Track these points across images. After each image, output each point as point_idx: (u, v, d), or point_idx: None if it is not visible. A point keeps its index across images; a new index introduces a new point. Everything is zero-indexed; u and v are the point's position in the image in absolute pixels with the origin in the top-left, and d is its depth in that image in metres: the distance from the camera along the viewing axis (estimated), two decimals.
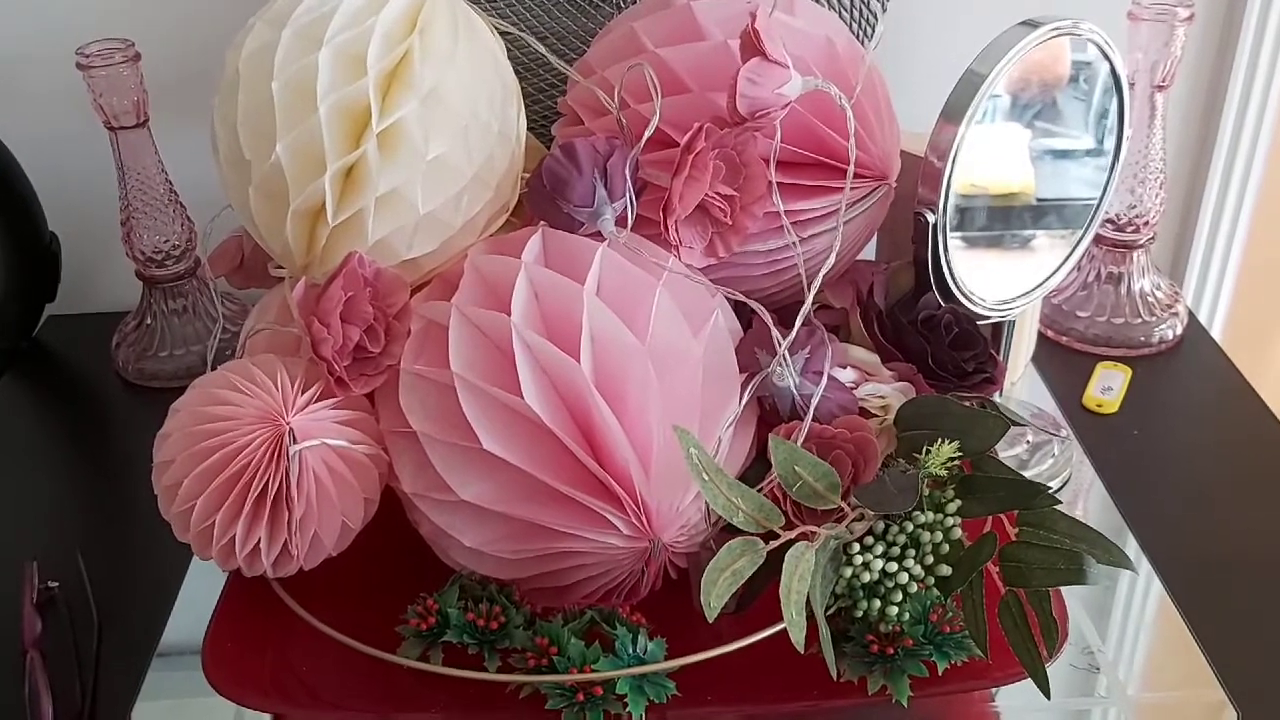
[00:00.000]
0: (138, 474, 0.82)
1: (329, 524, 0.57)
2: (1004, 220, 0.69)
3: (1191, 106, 0.97)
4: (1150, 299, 0.88)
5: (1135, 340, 0.87)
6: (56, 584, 0.70)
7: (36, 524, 0.77)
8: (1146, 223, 0.85)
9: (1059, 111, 0.68)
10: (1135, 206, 0.85)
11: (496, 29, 0.65)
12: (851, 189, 0.63)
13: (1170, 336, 0.88)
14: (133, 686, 0.62)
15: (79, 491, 0.82)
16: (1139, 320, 0.87)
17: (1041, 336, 0.88)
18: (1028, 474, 0.73)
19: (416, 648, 0.56)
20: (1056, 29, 0.64)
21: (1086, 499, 0.75)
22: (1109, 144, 0.69)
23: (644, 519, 0.55)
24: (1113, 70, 0.67)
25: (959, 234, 0.65)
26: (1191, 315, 0.91)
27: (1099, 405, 0.82)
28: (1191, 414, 0.83)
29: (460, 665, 0.56)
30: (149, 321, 0.90)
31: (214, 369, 0.66)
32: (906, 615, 0.53)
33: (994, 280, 0.69)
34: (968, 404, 0.60)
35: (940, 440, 0.53)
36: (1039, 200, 0.70)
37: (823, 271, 0.59)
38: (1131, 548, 0.70)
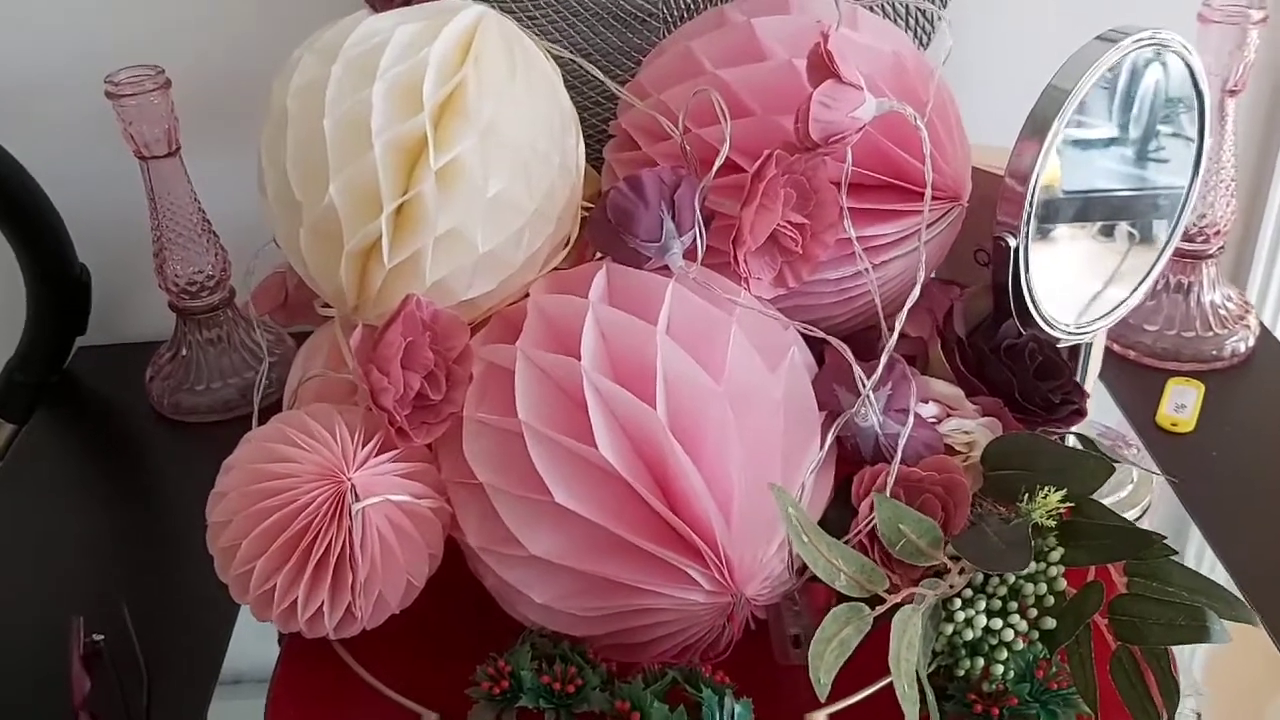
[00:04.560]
0: (177, 513, 0.80)
1: (394, 583, 0.54)
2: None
3: (1254, 111, 0.93)
4: (1221, 311, 0.84)
5: (1206, 354, 0.84)
6: (101, 637, 0.67)
7: (74, 568, 0.75)
8: (1217, 232, 0.82)
9: (1084, 101, 0.65)
10: (1205, 216, 0.82)
11: (546, 51, 0.62)
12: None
13: (1242, 350, 0.85)
14: None
15: (117, 532, 0.79)
16: (1210, 333, 0.84)
17: (1107, 351, 0.85)
18: (1106, 501, 0.70)
19: (489, 712, 0.54)
20: (1139, 41, 0.60)
21: (1152, 521, 0.72)
22: (1134, 133, 0.65)
23: (726, 573, 0.52)
24: (1194, 80, 0.64)
25: (1051, 225, 0.61)
26: (1264, 327, 0.87)
27: (1174, 424, 0.79)
28: (1273, 428, 0.80)
29: None
30: (184, 353, 0.87)
31: (259, 409, 0.64)
32: (1011, 672, 0.50)
33: (1070, 303, 0.66)
34: (1055, 438, 0.58)
35: (1044, 487, 0.50)
36: (1087, 194, 0.66)
37: (909, 302, 0.56)
38: (1220, 573, 0.67)
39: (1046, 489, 0.50)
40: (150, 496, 0.83)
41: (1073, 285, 0.65)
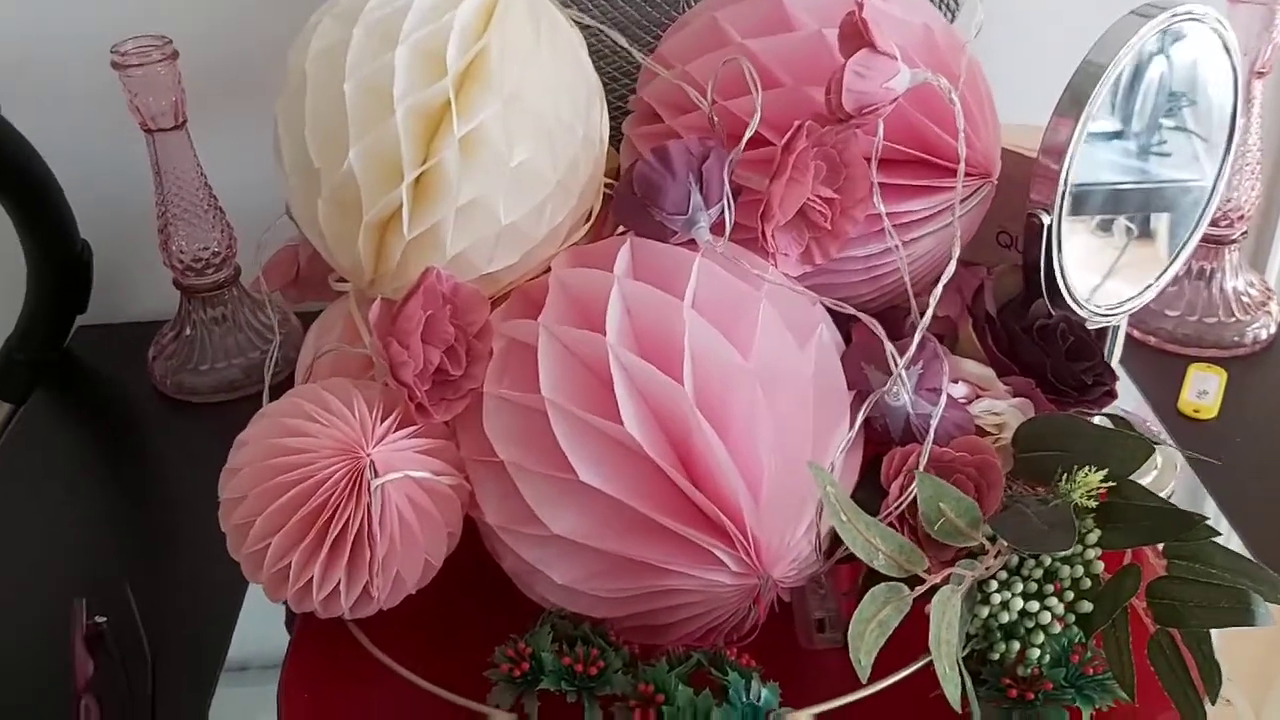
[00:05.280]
0: (180, 494, 0.78)
1: (412, 562, 0.53)
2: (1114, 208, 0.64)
3: (1277, 93, 0.92)
4: (1244, 297, 0.83)
5: (1228, 340, 0.83)
6: (104, 619, 0.65)
7: (74, 550, 0.73)
8: (1242, 216, 0.81)
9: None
10: (1230, 200, 0.81)
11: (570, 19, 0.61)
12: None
13: (1264, 336, 0.84)
14: None
15: (118, 514, 0.77)
16: (1232, 319, 0.83)
17: (1128, 336, 0.84)
18: None
19: (509, 695, 0.52)
20: (1175, 15, 0.59)
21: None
22: (1137, 125, 0.64)
23: (754, 554, 0.50)
24: (1229, 58, 0.63)
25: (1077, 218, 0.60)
26: None
27: (1196, 410, 0.78)
28: None
29: (556, 713, 0.52)
30: (188, 332, 0.86)
31: (270, 386, 0.62)
32: (1046, 656, 0.49)
33: (1096, 283, 0.64)
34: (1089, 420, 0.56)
35: (1083, 467, 0.48)
36: (1120, 189, 0.65)
37: (944, 278, 0.54)
38: None
39: (1086, 469, 0.49)
40: (152, 477, 0.81)
41: (1071, 278, 0.64)
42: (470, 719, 0.53)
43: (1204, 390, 0.79)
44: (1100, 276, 0.65)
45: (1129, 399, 0.80)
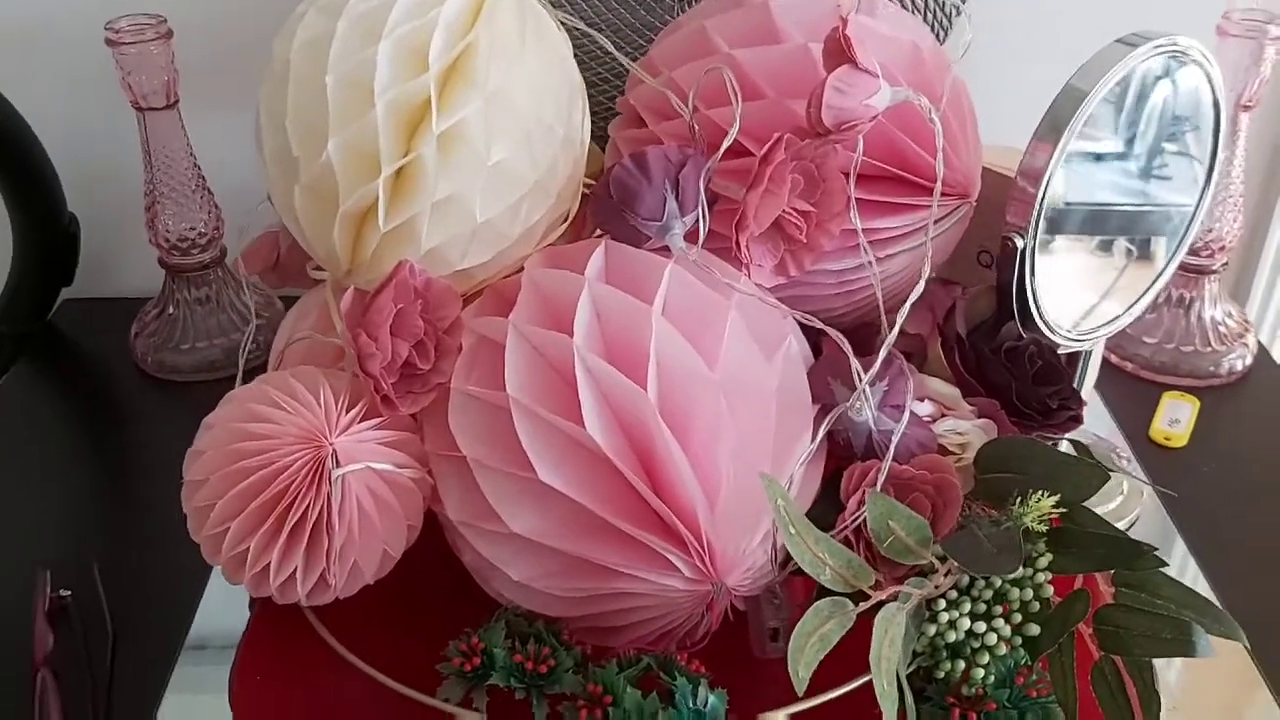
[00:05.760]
0: (155, 472, 0.78)
1: (370, 553, 0.53)
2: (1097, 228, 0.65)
3: (1264, 126, 0.92)
4: (1221, 328, 0.84)
5: (1203, 370, 0.83)
6: (69, 592, 0.66)
7: (46, 523, 0.73)
8: (1223, 247, 0.81)
9: (1090, 114, 0.64)
10: (1212, 230, 0.81)
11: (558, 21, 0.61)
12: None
13: (1239, 367, 0.84)
14: (150, 703, 0.59)
15: (93, 489, 0.78)
16: (1208, 349, 0.83)
17: (1104, 361, 0.84)
18: (1096, 511, 0.69)
19: (459, 689, 0.53)
20: (1159, 46, 0.59)
21: (1138, 534, 0.71)
22: (1139, 148, 0.65)
23: (708, 561, 0.51)
24: (1212, 90, 0.63)
25: (1060, 234, 0.60)
26: (1261, 347, 0.87)
27: (1167, 438, 0.78)
28: (1266, 450, 0.79)
29: (505, 707, 0.52)
30: (171, 311, 0.86)
31: (244, 371, 0.63)
32: (991, 677, 0.49)
33: (1066, 314, 0.65)
34: (1050, 444, 0.57)
35: (1038, 492, 0.49)
36: (1089, 207, 0.65)
37: (912, 297, 0.55)
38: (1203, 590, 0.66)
39: (1039, 494, 0.49)
40: (129, 454, 0.82)
41: (1069, 298, 0.64)
42: (421, 711, 0.53)
43: (1176, 419, 0.80)
44: (1098, 297, 0.66)
45: (1101, 424, 0.80)
